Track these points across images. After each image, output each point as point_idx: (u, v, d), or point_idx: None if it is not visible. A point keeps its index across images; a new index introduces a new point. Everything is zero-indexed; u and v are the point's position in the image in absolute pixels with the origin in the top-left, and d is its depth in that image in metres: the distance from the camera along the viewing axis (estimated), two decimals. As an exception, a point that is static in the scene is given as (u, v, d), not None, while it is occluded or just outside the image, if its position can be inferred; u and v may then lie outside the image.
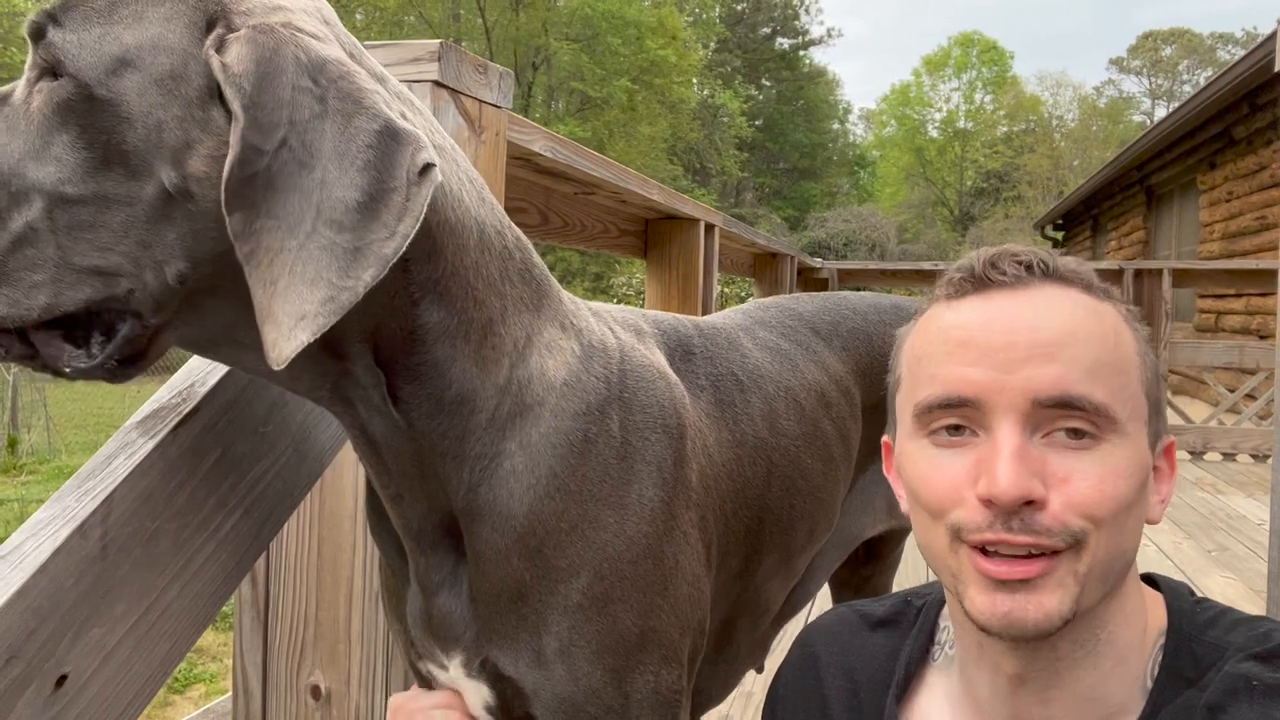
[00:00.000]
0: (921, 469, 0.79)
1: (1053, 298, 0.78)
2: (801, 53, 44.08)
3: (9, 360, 0.72)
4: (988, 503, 0.73)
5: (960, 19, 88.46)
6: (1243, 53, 8.14)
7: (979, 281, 0.80)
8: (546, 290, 0.94)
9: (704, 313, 3.04)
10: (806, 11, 44.24)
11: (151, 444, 0.80)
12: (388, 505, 0.90)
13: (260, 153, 0.67)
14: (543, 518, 0.88)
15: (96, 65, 0.70)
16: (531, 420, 0.88)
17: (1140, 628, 0.81)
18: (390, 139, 0.70)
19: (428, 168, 0.71)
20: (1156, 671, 0.79)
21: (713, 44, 39.20)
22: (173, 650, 0.83)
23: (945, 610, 0.94)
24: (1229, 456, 6.31)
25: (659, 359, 1.04)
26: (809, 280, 6.05)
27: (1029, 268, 0.79)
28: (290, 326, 0.66)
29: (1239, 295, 8.67)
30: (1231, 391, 6.52)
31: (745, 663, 1.25)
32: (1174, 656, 0.79)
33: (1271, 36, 6.54)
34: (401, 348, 0.81)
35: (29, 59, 0.73)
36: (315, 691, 1.25)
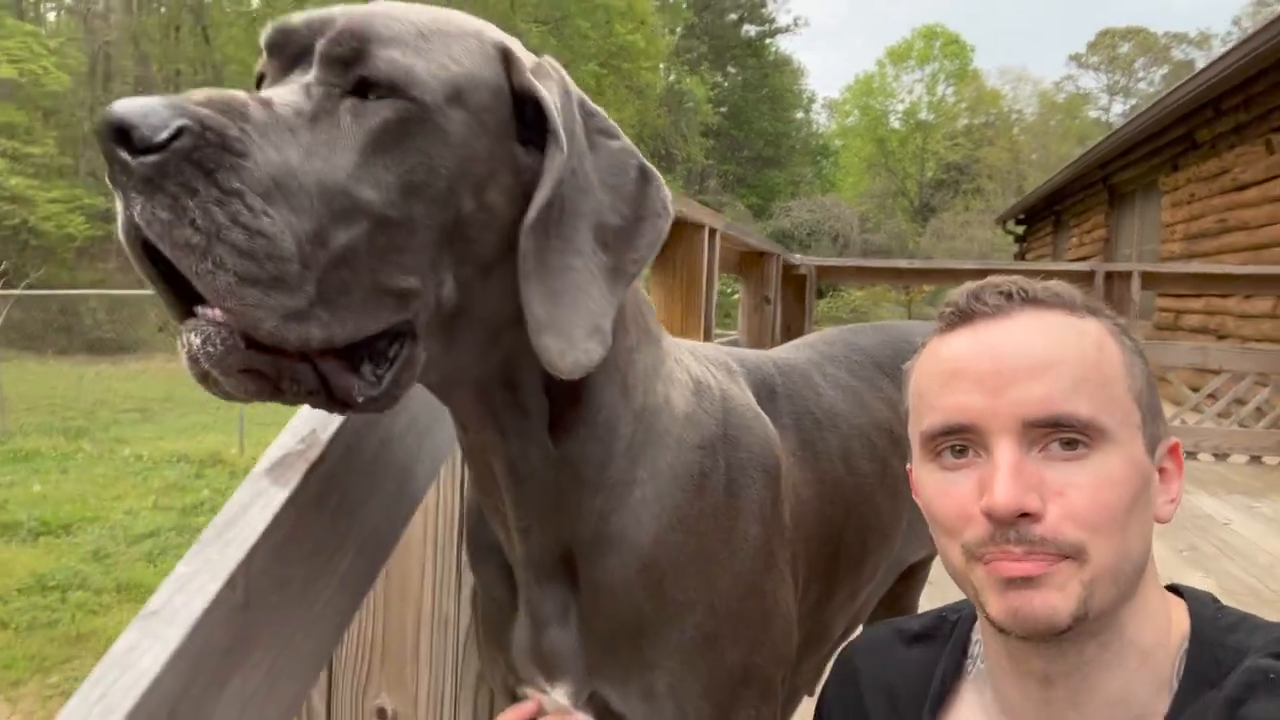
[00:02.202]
0: (932, 491, 0.85)
1: (1034, 322, 0.83)
2: (768, 41, 44.13)
3: (298, 398, 0.69)
4: (989, 516, 0.78)
5: (924, 12, 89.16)
6: (1195, 50, 8.31)
7: (965, 314, 0.86)
8: (659, 327, 0.98)
9: (706, 319, 3.07)
10: (774, -1, 44.26)
11: (285, 493, 0.80)
12: (515, 537, 0.91)
13: (562, 180, 0.73)
14: (665, 548, 0.91)
15: (439, 91, 0.71)
16: (659, 449, 0.91)
17: (1163, 630, 0.84)
18: (643, 173, 0.80)
19: (668, 204, 0.80)
20: (1181, 675, 0.82)
21: (679, 29, 39.05)
22: (299, 692, 0.84)
23: (978, 624, 0.97)
24: (1190, 455, 6.51)
25: (751, 399, 1.07)
26: (789, 277, 6.10)
27: (1009, 296, 0.85)
28: (584, 338, 0.73)
29: (1199, 296, 8.90)
30: (1195, 391, 6.71)
31: (804, 690, 1.29)
32: (1197, 661, 0.82)
33: (1243, 43, 6.70)
34: None
35: (313, 75, 0.70)
36: (381, 714, 1.26)
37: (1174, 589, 0.91)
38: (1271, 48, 6.79)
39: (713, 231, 3.09)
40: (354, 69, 0.69)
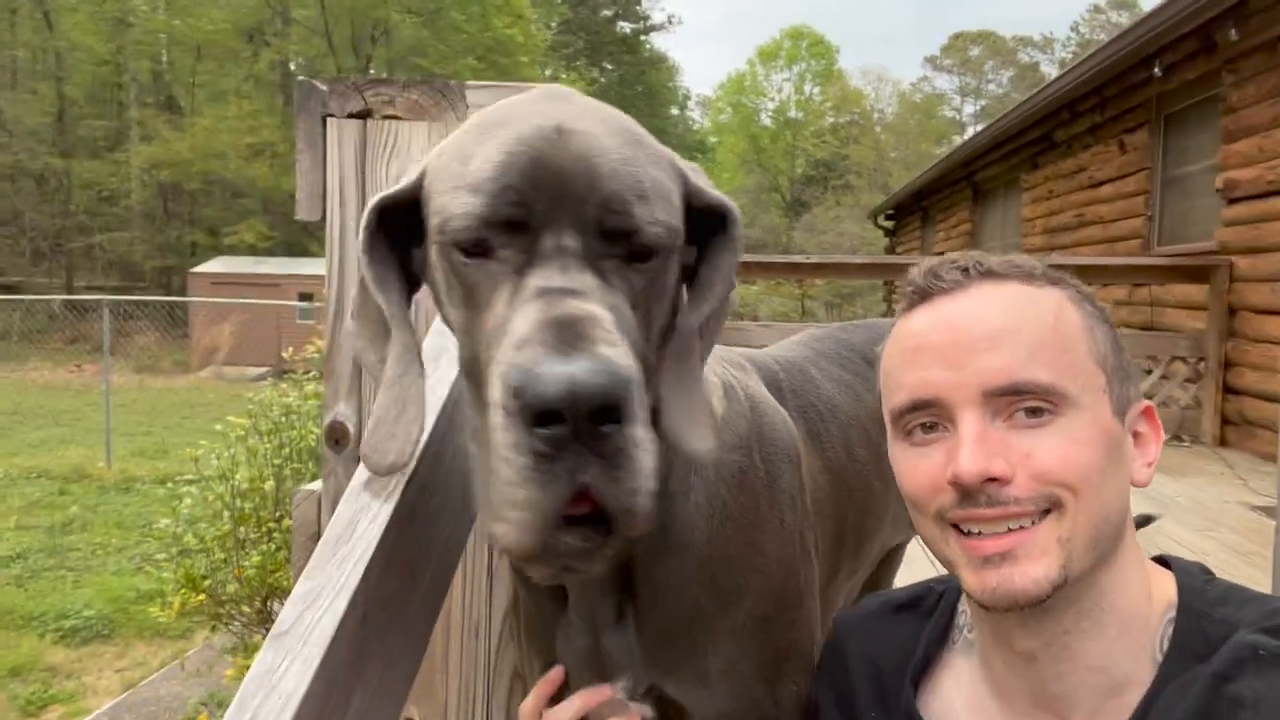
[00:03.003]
0: (904, 468, 0.87)
1: (990, 294, 0.84)
2: (643, 38, 44.49)
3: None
4: (956, 484, 0.79)
5: (792, 12, 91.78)
6: (1040, 54, 8.88)
7: (924, 292, 0.87)
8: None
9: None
10: (648, -4, 44.65)
11: (389, 507, 0.80)
12: None
13: None
14: (717, 545, 0.95)
15: (680, 232, 0.76)
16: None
17: (1144, 597, 0.84)
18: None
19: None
20: (1166, 646, 0.82)
21: (555, 24, 38.90)
22: (399, 705, 0.84)
23: (964, 595, 0.98)
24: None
25: (768, 394, 1.13)
26: (692, 272, 6.21)
27: (965, 271, 0.86)
28: (707, 422, 0.81)
29: (1060, 285, 9.54)
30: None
31: None
32: (1185, 633, 0.82)
33: (1092, 55, 7.23)
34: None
35: (586, 243, 0.71)
36: (409, 724, 1.25)
37: (1162, 560, 0.91)
38: (1116, 60, 7.36)
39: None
40: (628, 241, 0.71)
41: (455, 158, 0.75)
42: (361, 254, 0.78)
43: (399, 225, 0.80)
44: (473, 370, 0.72)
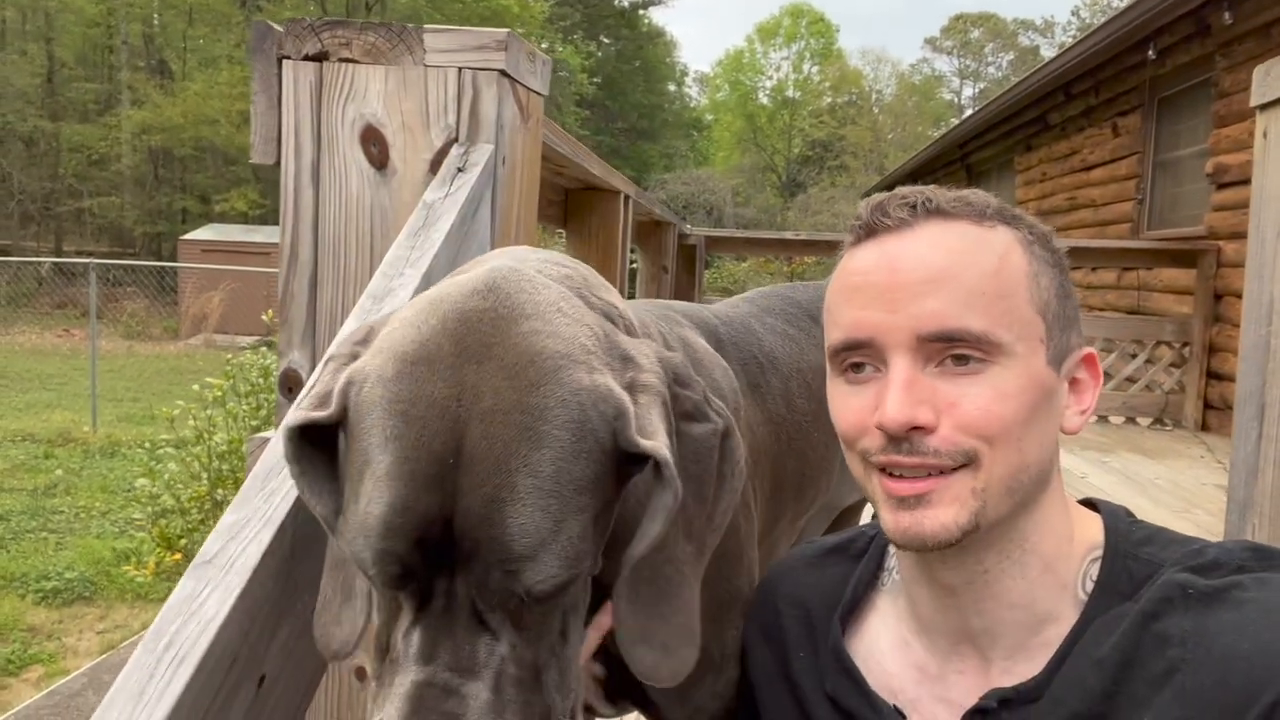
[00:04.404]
0: (838, 404, 0.87)
1: (935, 234, 0.82)
2: (641, 12, 44.09)
3: None
4: (881, 429, 0.80)
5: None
6: (1040, 37, 8.84)
7: (869, 228, 0.85)
8: (615, 308, 0.92)
9: (620, 284, 3.11)
10: (646, -30, 44.15)
11: (321, 442, 0.79)
12: None
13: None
14: None
15: (576, 572, 0.72)
16: None
17: (1065, 539, 0.85)
18: (724, 442, 0.82)
19: (741, 464, 0.83)
20: (1090, 585, 0.84)
21: (552, -4, 38.50)
22: (330, 644, 0.84)
23: None
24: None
25: (706, 344, 1.12)
26: (681, 246, 6.20)
27: (913, 208, 0.83)
28: (679, 646, 0.78)
29: (1050, 268, 9.54)
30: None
31: None
32: (1109, 572, 0.84)
33: (1088, 36, 7.21)
34: None
35: (477, 601, 0.66)
36: (360, 673, 1.25)
37: (1090, 503, 0.92)
38: (1112, 42, 7.33)
39: (627, 198, 3.12)
40: (516, 595, 0.65)
41: (366, 430, 0.65)
42: (289, 463, 0.69)
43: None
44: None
